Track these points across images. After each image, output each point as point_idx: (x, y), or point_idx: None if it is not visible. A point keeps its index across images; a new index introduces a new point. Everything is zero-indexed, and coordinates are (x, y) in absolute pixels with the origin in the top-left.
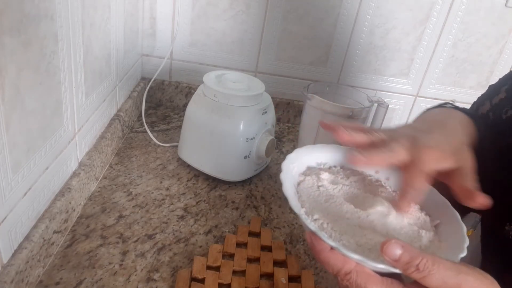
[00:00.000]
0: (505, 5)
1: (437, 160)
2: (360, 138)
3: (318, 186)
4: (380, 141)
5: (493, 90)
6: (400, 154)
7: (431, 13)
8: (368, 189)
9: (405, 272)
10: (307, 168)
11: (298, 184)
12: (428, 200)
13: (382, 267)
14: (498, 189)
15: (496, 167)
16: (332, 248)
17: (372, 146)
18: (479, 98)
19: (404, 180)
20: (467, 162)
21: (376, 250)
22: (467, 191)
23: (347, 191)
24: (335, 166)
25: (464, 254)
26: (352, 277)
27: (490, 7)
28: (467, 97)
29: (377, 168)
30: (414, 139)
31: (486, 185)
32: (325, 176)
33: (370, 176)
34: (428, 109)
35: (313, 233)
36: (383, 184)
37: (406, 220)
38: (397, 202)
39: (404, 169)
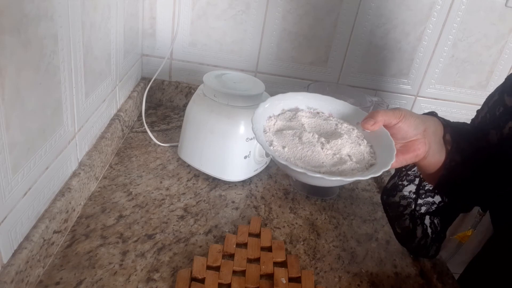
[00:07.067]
0: (505, 5)
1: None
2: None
3: (289, 119)
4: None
5: (490, 96)
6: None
7: (431, 13)
8: (330, 125)
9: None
10: (282, 111)
11: (267, 121)
12: (375, 136)
13: (318, 176)
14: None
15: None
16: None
17: None
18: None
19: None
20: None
21: (316, 167)
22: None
23: (312, 124)
24: (309, 108)
25: (393, 160)
26: None
27: (490, 7)
28: (467, 97)
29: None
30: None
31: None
32: (291, 114)
33: (334, 117)
34: None
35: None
36: (342, 122)
37: (347, 151)
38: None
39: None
